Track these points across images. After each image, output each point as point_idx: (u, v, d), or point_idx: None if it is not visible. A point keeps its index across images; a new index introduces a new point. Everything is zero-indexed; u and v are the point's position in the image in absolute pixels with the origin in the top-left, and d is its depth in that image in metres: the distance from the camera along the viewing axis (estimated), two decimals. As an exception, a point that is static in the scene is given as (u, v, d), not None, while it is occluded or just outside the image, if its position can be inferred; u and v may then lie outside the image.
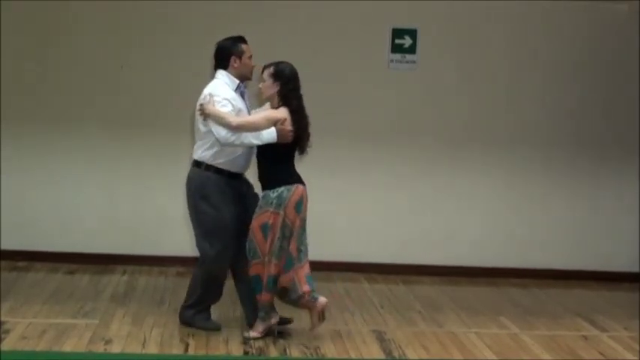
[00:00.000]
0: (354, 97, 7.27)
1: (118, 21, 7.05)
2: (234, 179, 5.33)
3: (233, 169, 5.30)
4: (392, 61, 7.27)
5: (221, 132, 5.09)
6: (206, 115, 5.13)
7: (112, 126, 7.10)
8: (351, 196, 7.35)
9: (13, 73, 6.96)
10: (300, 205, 5.22)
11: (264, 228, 5.18)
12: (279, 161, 5.23)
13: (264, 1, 7.08)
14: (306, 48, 7.15)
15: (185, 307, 5.50)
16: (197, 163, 5.29)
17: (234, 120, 5.09)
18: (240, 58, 5.27)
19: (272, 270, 5.19)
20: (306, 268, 5.28)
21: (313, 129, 7.19)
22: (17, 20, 6.94)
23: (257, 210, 5.23)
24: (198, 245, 5.38)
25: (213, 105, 5.12)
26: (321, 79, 7.20)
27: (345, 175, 7.32)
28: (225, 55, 5.28)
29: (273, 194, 5.17)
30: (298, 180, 5.25)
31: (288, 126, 5.15)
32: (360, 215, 7.38)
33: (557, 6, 7.36)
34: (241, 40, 5.32)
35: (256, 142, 5.12)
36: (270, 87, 5.22)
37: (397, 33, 7.25)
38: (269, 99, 5.30)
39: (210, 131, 5.16)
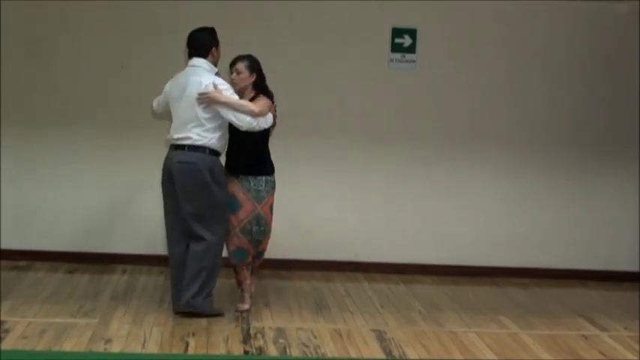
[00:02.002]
0: (354, 96, 7.27)
1: (117, 21, 7.04)
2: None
3: (223, 151, 5.66)
4: (392, 60, 7.27)
5: (245, 118, 5.44)
6: (215, 103, 5.38)
7: (112, 126, 7.09)
8: (350, 195, 7.34)
9: (13, 73, 6.95)
10: None
11: (272, 209, 5.78)
12: (266, 145, 5.75)
13: (264, 2, 7.07)
14: (305, 47, 7.16)
15: (193, 297, 5.52)
16: (199, 148, 5.47)
17: (255, 107, 5.46)
18: (217, 48, 5.63)
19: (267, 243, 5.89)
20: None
21: (312, 129, 7.26)
22: (17, 20, 6.93)
23: (264, 194, 5.67)
24: (201, 232, 5.49)
25: (221, 93, 5.41)
26: (320, 79, 7.21)
27: (345, 174, 7.31)
28: (207, 45, 5.59)
29: (273, 178, 5.75)
30: None
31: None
32: (360, 215, 7.37)
33: (557, 6, 7.35)
34: (215, 31, 5.66)
35: (266, 125, 5.57)
36: (247, 78, 5.65)
37: (397, 32, 7.24)
38: (243, 89, 5.64)
39: (213, 117, 5.44)
